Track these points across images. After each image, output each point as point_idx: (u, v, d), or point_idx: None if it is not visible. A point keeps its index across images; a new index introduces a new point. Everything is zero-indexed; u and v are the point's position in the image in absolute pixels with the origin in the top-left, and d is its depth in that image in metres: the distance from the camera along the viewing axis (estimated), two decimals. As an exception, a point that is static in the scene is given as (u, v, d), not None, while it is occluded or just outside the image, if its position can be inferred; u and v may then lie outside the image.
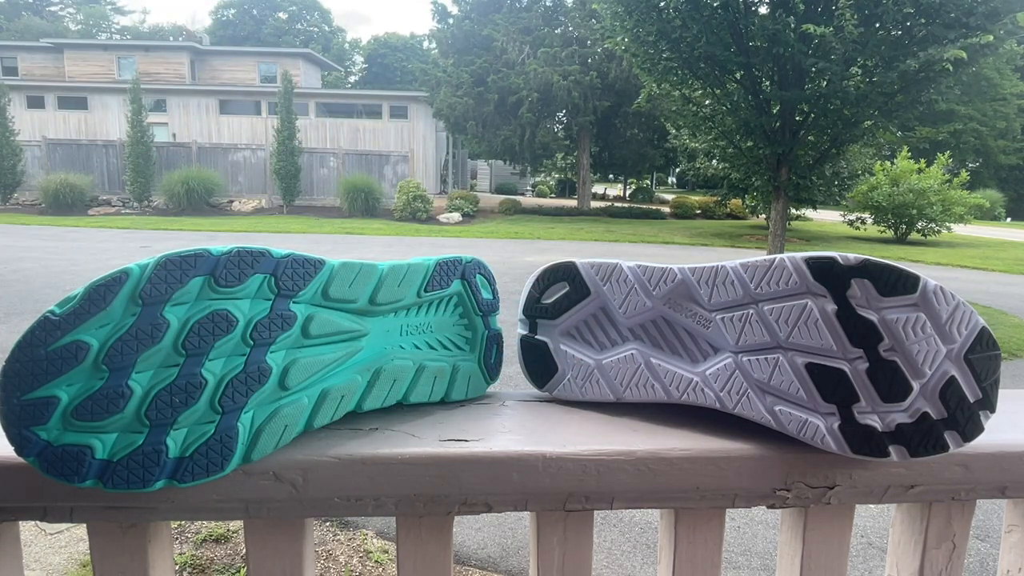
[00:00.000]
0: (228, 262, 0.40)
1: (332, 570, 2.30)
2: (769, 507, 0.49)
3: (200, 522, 2.47)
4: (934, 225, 15.58)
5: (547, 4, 20.89)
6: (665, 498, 0.48)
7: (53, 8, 50.17)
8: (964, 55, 6.45)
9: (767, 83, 8.32)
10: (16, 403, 0.36)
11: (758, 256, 0.47)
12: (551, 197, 30.59)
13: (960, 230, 16.58)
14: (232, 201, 18.62)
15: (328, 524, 2.59)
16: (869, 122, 8.14)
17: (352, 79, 53.23)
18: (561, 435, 0.48)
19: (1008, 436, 0.50)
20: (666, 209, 21.14)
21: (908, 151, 15.70)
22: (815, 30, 6.85)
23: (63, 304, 0.37)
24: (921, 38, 7.10)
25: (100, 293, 0.37)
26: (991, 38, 6.50)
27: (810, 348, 0.44)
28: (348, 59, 55.89)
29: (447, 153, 25.78)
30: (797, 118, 8.30)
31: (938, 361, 0.43)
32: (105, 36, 45.66)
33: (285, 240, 12.20)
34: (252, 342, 0.40)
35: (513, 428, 0.50)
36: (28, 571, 2.15)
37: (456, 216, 17.04)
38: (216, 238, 12.71)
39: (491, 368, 0.57)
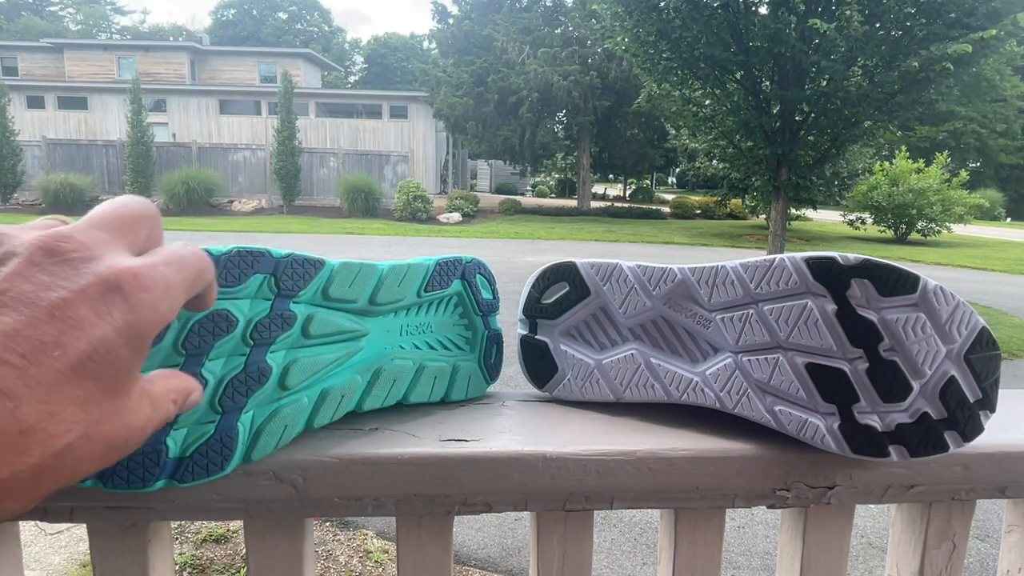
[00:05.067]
0: (228, 262, 0.40)
1: (332, 570, 2.30)
2: (769, 507, 0.49)
3: (200, 522, 2.47)
4: (934, 225, 15.59)
5: (547, 4, 20.90)
6: (665, 498, 0.48)
7: (53, 8, 50.18)
8: (969, 49, 6.46)
9: (767, 83, 8.33)
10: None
11: (758, 256, 0.47)
12: (551, 197, 30.60)
13: (960, 230, 16.58)
14: (232, 201, 18.62)
15: (328, 524, 2.59)
16: (869, 122, 8.14)
17: (352, 79, 53.24)
18: (561, 435, 0.48)
19: (1008, 436, 0.50)
20: (666, 209, 21.15)
21: (907, 151, 15.71)
22: (820, 26, 6.84)
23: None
24: (922, 38, 7.11)
25: (100, 293, 0.37)
26: (994, 32, 6.50)
27: (810, 348, 0.44)
28: (348, 59, 55.91)
29: (447, 153, 25.79)
30: (797, 118, 8.31)
31: (938, 361, 0.43)
32: (105, 36, 45.68)
33: (285, 240, 12.20)
34: (252, 342, 0.40)
35: (513, 428, 0.50)
36: (28, 571, 2.15)
37: (456, 216, 17.04)
38: (216, 238, 12.72)
39: (491, 368, 0.57)
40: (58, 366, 0.23)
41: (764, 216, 17.60)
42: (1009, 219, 31.12)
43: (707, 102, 9.01)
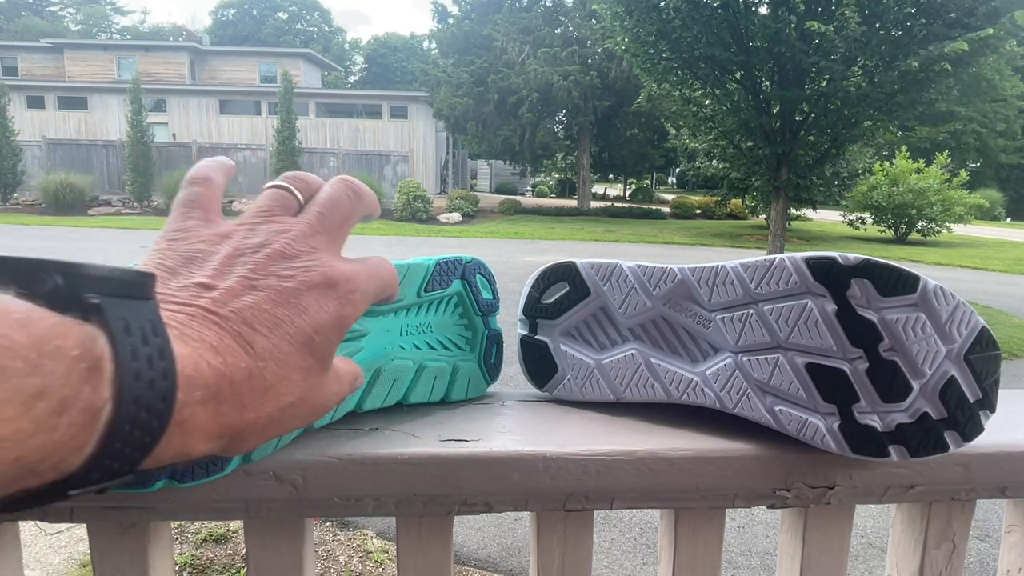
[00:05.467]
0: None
1: (332, 570, 2.30)
2: (769, 507, 0.49)
3: (200, 522, 2.48)
4: (934, 225, 15.58)
5: (547, 4, 20.91)
6: (665, 498, 0.48)
7: (53, 8, 50.18)
8: (966, 47, 6.46)
9: (767, 83, 8.33)
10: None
11: (758, 256, 0.47)
12: (551, 197, 30.60)
13: (960, 230, 16.58)
14: (232, 201, 18.59)
15: (328, 524, 2.59)
16: (869, 122, 8.14)
17: (352, 79, 53.25)
18: (561, 435, 0.48)
19: (1008, 436, 0.50)
20: (666, 209, 21.15)
21: (907, 151, 15.72)
22: (819, 27, 6.85)
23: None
24: (922, 38, 7.11)
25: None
26: (991, 31, 6.51)
27: (810, 348, 0.44)
28: (348, 59, 55.91)
29: (447, 153, 25.79)
30: (797, 118, 8.31)
31: (938, 361, 0.43)
32: (105, 36, 45.68)
33: (285, 240, 12.16)
34: (252, 342, 0.40)
35: (513, 428, 0.50)
36: (28, 571, 2.15)
37: (456, 216, 17.04)
38: (216, 238, 12.67)
39: (491, 368, 0.57)
40: (293, 341, 0.28)
41: (764, 216, 17.60)
42: (1009, 219, 31.13)
43: (707, 102, 9.01)
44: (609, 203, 22.52)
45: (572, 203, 21.89)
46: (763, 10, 8.09)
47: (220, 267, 0.29)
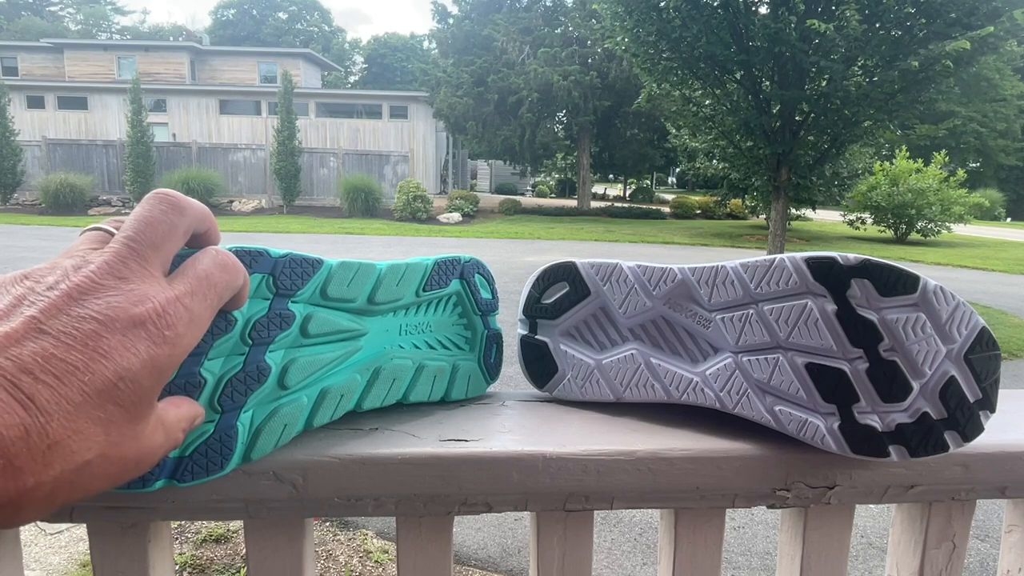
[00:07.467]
0: (227, 262, 0.40)
1: (332, 570, 2.30)
2: (769, 507, 0.49)
3: (200, 522, 2.47)
4: (934, 225, 15.59)
5: (547, 4, 20.91)
6: (665, 498, 0.48)
7: (53, 8, 50.18)
8: (968, 45, 6.47)
9: (767, 83, 8.33)
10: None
11: (758, 256, 0.47)
12: (551, 197, 30.60)
13: (960, 230, 16.59)
14: (232, 201, 18.62)
15: (328, 524, 2.59)
16: (869, 122, 8.14)
17: (352, 79, 53.24)
18: (561, 435, 0.48)
19: (1008, 436, 0.50)
20: (666, 209, 21.15)
21: (907, 151, 15.72)
22: (820, 26, 6.84)
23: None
24: (922, 38, 7.11)
25: (99, 293, 0.37)
26: (992, 29, 6.52)
27: (810, 348, 0.44)
28: (348, 59, 55.91)
29: (447, 153, 25.78)
30: (797, 118, 8.31)
31: (938, 361, 0.43)
32: (105, 36, 45.68)
33: (285, 240, 12.20)
34: (251, 341, 0.40)
35: (513, 428, 0.50)
36: (28, 571, 2.15)
37: (456, 216, 17.04)
38: (216, 238, 12.67)
39: (491, 368, 0.57)
40: (87, 389, 0.25)
41: (764, 216, 17.60)
42: (1009, 219, 31.15)
43: (707, 102, 9.01)
44: (609, 203, 22.52)
45: (572, 203, 21.88)
46: (763, 10, 8.09)
47: (5, 309, 0.26)
